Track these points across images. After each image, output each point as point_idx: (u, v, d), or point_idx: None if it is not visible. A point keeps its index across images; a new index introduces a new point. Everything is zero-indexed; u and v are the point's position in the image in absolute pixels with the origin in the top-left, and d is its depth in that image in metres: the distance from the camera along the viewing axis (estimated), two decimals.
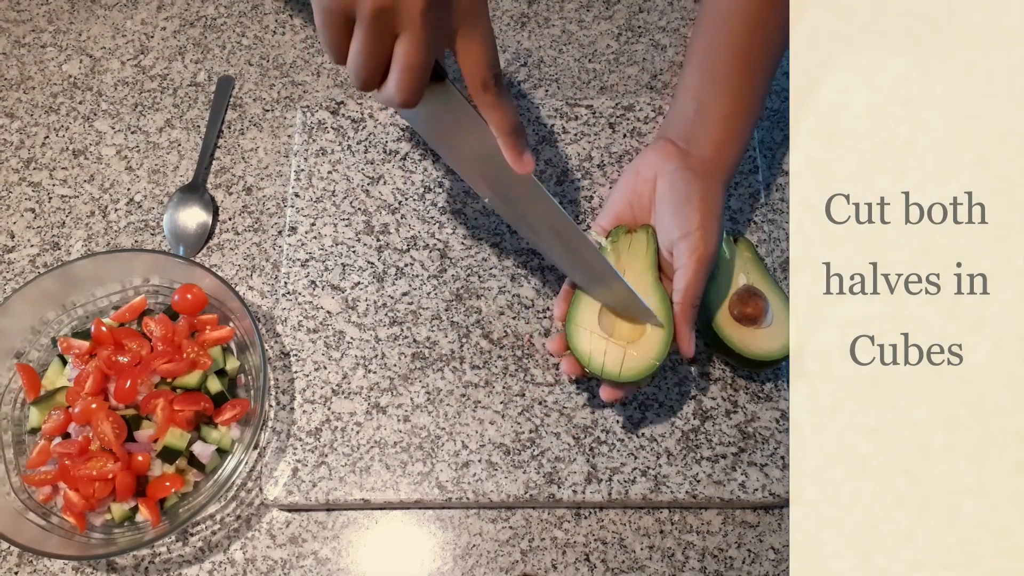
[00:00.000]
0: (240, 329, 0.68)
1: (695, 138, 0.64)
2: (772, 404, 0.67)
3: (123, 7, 0.87)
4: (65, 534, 0.62)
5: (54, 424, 0.64)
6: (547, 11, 0.86)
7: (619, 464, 0.64)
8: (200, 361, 0.66)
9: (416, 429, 0.66)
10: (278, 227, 0.76)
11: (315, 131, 0.78)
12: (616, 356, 0.59)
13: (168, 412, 0.64)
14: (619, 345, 0.59)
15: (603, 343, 0.59)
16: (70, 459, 0.63)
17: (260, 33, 0.86)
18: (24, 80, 0.84)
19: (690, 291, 0.59)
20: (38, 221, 0.77)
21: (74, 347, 0.67)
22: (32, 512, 0.63)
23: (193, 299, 0.68)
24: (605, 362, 0.59)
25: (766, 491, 0.63)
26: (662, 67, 0.82)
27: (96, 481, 0.62)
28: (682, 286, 0.59)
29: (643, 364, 0.58)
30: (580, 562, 0.64)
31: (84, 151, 0.80)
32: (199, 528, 0.65)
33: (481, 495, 0.64)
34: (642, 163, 0.65)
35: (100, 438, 0.63)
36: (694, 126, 0.65)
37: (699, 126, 0.64)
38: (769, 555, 0.64)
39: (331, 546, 0.65)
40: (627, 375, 0.58)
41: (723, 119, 0.64)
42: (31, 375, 0.67)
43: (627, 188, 0.65)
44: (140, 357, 0.66)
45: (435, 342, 0.69)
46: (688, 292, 0.59)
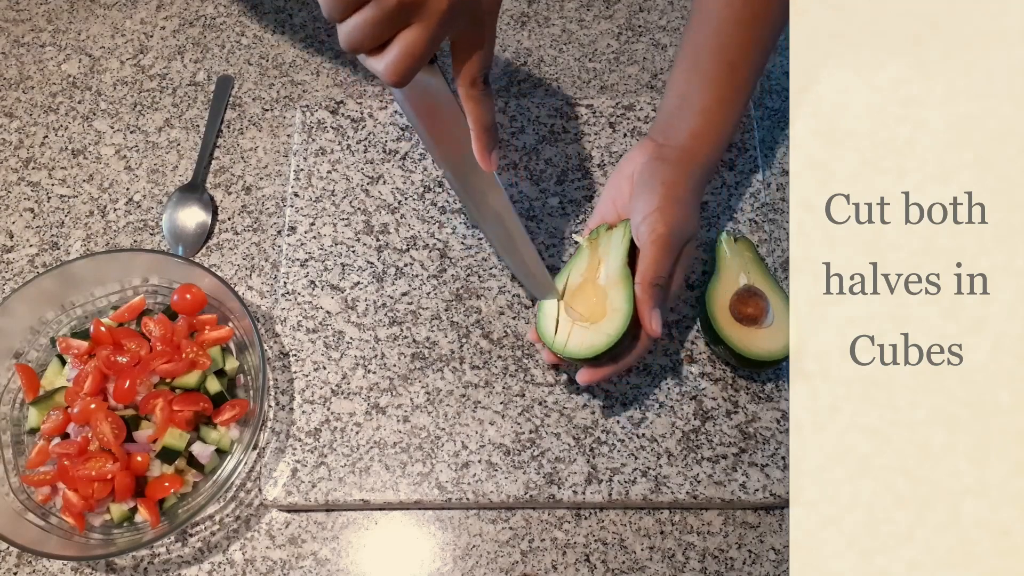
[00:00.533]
0: (239, 329, 0.68)
1: (673, 130, 0.65)
2: (773, 404, 0.66)
3: (122, 6, 0.87)
4: (64, 534, 0.62)
5: (53, 424, 0.64)
6: (547, 10, 0.85)
7: (619, 464, 0.64)
8: (199, 361, 0.66)
9: (416, 429, 0.66)
10: (277, 227, 0.76)
11: (314, 131, 0.78)
12: (579, 337, 0.60)
13: (167, 412, 0.64)
14: (583, 327, 0.61)
15: (568, 326, 0.61)
16: (69, 459, 0.63)
17: (259, 32, 0.85)
18: (23, 79, 0.83)
19: (648, 271, 0.60)
20: (37, 221, 0.77)
21: (73, 347, 0.67)
22: (31, 512, 0.63)
23: (192, 299, 0.68)
24: (568, 342, 0.60)
25: (767, 491, 0.63)
26: (662, 66, 0.82)
27: (95, 481, 0.62)
28: (642, 267, 0.60)
29: (600, 340, 0.60)
30: (580, 563, 0.63)
31: (83, 151, 0.80)
32: (198, 529, 0.65)
33: (481, 496, 0.64)
34: (624, 162, 0.66)
35: (99, 438, 0.63)
36: (674, 119, 0.65)
37: (678, 118, 0.65)
38: (770, 555, 0.64)
39: (331, 547, 0.64)
40: (585, 352, 0.60)
41: (702, 110, 0.64)
42: (30, 375, 0.67)
43: (611, 188, 0.67)
44: (139, 357, 0.66)
45: (435, 342, 0.69)
46: (647, 272, 0.60)
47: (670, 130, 0.65)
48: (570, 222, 0.73)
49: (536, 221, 0.73)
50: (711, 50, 0.65)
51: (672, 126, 0.65)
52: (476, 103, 0.56)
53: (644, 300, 0.60)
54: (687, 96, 0.65)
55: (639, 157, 0.65)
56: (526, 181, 0.75)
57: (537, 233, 0.73)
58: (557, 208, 0.74)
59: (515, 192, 0.74)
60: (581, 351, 0.60)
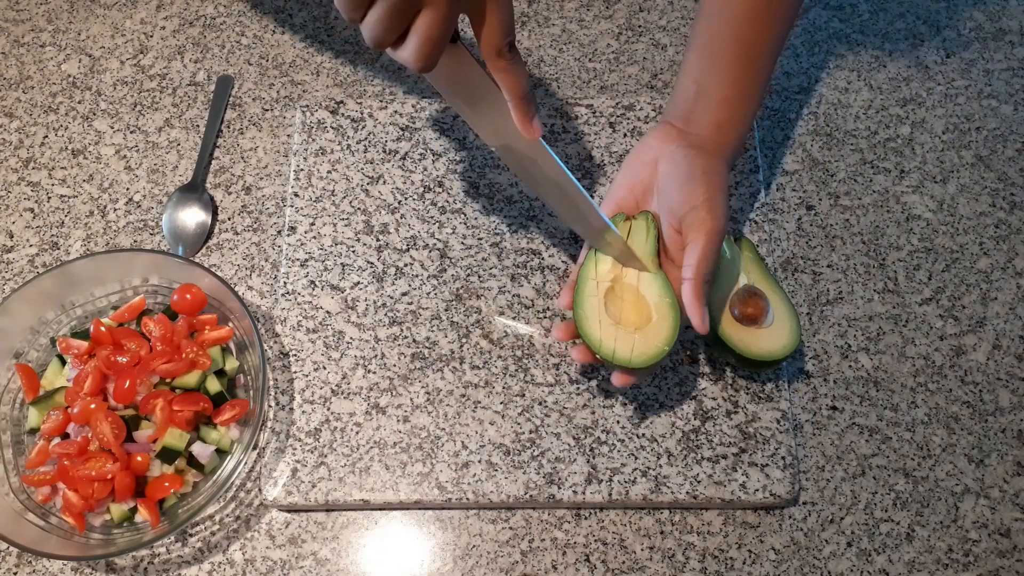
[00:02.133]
0: (239, 329, 0.68)
1: (695, 118, 0.64)
2: (773, 404, 0.66)
3: (122, 6, 0.87)
4: (64, 535, 0.62)
5: (53, 424, 0.64)
6: (547, 10, 0.85)
7: (619, 465, 0.64)
8: (199, 361, 0.66)
9: (416, 429, 0.66)
10: (277, 227, 0.76)
11: (314, 130, 0.78)
12: (626, 342, 0.59)
13: (167, 412, 0.64)
14: (628, 332, 0.60)
15: (613, 330, 0.60)
16: (69, 459, 0.63)
17: (259, 32, 0.85)
18: (23, 79, 0.83)
19: (701, 265, 0.58)
20: (37, 221, 0.77)
21: (73, 347, 0.67)
22: (31, 512, 0.63)
23: (192, 299, 0.68)
24: (616, 348, 0.59)
25: (767, 491, 0.63)
26: (662, 67, 0.82)
27: (95, 481, 0.62)
28: (693, 261, 0.59)
29: (654, 349, 0.59)
30: (580, 563, 0.63)
31: (83, 151, 0.80)
32: (198, 529, 0.65)
33: (481, 496, 0.64)
34: (643, 148, 0.65)
35: (99, 438, 0.63)
36: (694, 107, 0.64)
37: (699, 107, 0.64)
38: (770, 555, 0.64)
39: (331, 547, 0.64)
40: (638, 361, 0.58)
41: (723, 101, 0.64)
42: (30, 375, 0.67)
43: (628, 174, 0.65)
44: (139, 357, 0.66)
45: (435, 342, 0.69)
46: (699, 267, 0.58)
47: (691, 117, 0.64)
48: None
49: (536, 221, 0.73)
50: (728, 41, 0.64)
51: (693, 113, 0.64)
52: (507, 73, 0.54)
53: (696, 296, 0.58)
54: (705, 85, 0.64)
55: (662, 143, 0.63)
56: None
57: (537, 233, 0.73)
58: None
59: (515, 192, 0.74)
60: (636, 359, 0.58)
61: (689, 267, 0.59)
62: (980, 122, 0.79)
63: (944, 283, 0.72)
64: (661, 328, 0.59)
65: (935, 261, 0.73)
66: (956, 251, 0.73)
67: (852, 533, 0.64)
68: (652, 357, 0.58)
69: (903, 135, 0.78)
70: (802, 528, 0.64)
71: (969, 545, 0.64)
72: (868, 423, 0.67)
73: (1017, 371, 0.69)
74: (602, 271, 0.62)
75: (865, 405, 0.68)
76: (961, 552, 0.63)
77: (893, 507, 0.65)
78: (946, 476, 0.66)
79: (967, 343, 0.70)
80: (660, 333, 0.59)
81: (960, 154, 0.78)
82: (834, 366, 0.69)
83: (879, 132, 0.79)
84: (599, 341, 0.59)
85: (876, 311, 0.71)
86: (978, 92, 0.80)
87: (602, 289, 0.62)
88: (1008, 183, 0.76)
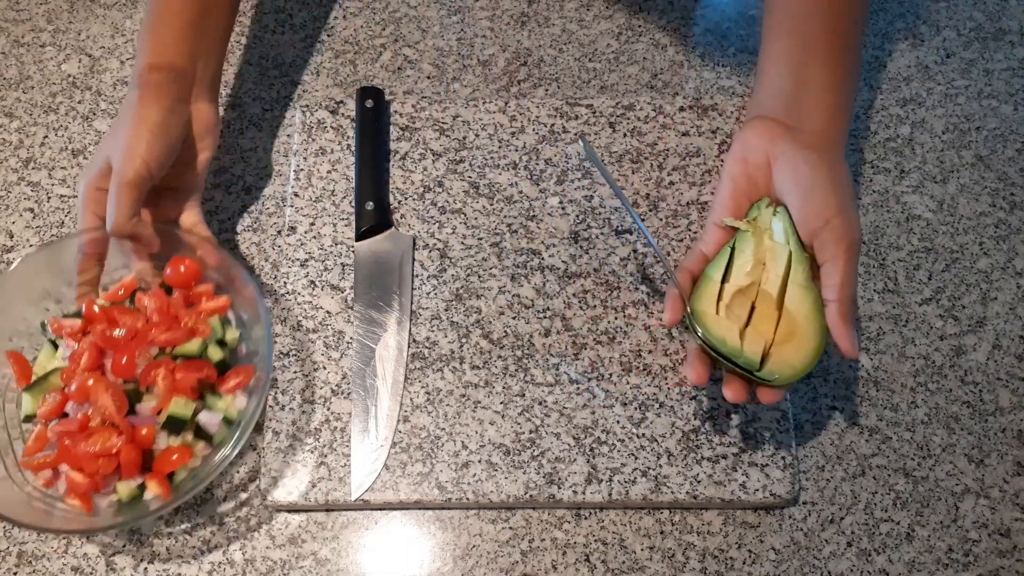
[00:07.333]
0: (241, 297, 0.65)
1: (803, 111, 0.61)
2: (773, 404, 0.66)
3: (122, 6, 0.87)
4: None
5: (50, 407, 0.61)
6: (547, 10, 0.86)
7: (619, 464, 0.64)
8: (199, 329, 0.63)
9: (416, 429, 0.66)
10: (277, 227, 0.76)
11: (314, 130, 0.78)
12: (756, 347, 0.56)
13: (170, 381, 0.60)
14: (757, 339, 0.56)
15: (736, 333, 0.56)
16: (70, 438, 0.59)
17: (259, 32, 0.85)
18: (23, 79, 0.83)
19: (847, 286, 0.55)
20: (37, 221, 0.77)
21: (66, 327, 0.63)
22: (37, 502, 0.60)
23: (186, 271, 0.65)
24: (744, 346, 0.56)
25: (767, 491, 0.63)
26: (662, 66, 0.82)
27: (99, 457, 0.58)
28: (836, 281, 0.56)
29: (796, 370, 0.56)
30: (580, 563, 0.63)
31: (83, 151, 0.80)
32: (198, 529, 0.65)
33: (481, 496, 0.64)
34: (747, 149, 0.62)
35: (101, 412, 0.59)
36: (797, 99, 0.61)
37: (805, 98, 0.61)
38: (770, 555, 0.64)
39: (331, 547, 0.65)
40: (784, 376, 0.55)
41: (828, 89, 0.61)
42: (21, 362, 0.64)
43: (738, 178, 0.62)
44: (136, 330, 0.62)
45: (435, 342, 0.69)
46: (844, 288, 0.55)
47: (798, 110, 0.61)
48: (570, 222, 0.73)
49: (536, 221, 0.73)
50: (817, 25, 0.62)
51: (798, 106, 0.61)
52: None
53: (843, 320, 0.55)
54: (803, 75, 0.61)
55: (771, 143, 0.60)
56: (526, 181, 0.75)
57: (537, 233, 0.73)
58: (557, 208, 0.74)
59: (515, 192, 0.74)
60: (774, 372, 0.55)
61: (832, 287, 0.56)
62: (980, 122, 0.79)
63: (944, 283, 0.72)
64: (806, 350, 0.56)
65: (935, 261, 0.73)
66: (956, 251, 0.73)
67: (852, 533, 0.64)
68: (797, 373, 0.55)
69: (903, 135, 0.78)
70: (802, 528, 0.64)
71: (969, 545, 0.64)
72: (868, 423, 0.67)
73: (1017, 371, 0.69)
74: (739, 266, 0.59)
75: (865, 405, 0.68)
76: (961, 552, 0.63)
77: (893, 507, 0.65)
78: (946, 476, 0.66)
79: (967, 343, 0.70)
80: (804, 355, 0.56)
81: (960, 154, 0.78)
82: (834, 366, 0.69)
83: (879, 132, 0.79)
84: (724, 342, 0.56)
85: (876, 311, 0.71)
86: (978, 92, 0.80)
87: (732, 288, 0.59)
88: (1008, 183, 0.76)
